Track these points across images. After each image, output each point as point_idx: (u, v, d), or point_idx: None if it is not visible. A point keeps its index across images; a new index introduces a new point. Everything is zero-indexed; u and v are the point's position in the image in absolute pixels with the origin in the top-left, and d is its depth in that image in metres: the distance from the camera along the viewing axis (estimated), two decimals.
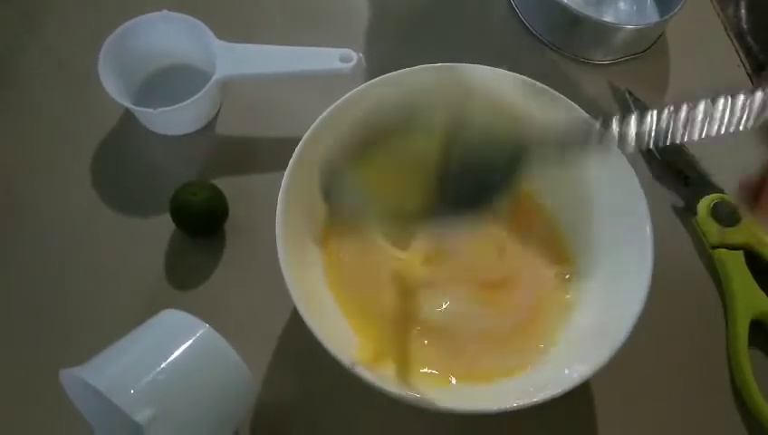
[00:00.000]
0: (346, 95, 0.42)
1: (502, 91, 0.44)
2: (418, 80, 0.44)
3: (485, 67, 0.44)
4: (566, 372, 0.36)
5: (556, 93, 0.43)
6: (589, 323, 0.40)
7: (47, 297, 0.44)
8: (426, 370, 0.39)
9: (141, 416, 0.31)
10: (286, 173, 0.39)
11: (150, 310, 0.37)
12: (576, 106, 0.43)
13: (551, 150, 0.32)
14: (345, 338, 0.39)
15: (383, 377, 0.36)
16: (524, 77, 0.44)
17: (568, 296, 0.42)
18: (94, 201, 0.48)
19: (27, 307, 0.44)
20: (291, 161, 0.40)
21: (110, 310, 0.43)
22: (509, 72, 0.44)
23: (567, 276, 0.43)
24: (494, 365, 0.40)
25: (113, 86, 0.47)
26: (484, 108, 0.44)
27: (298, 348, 0.43)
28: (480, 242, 0.44)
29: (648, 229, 0.39)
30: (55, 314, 0.44)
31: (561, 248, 0.44)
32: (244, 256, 0.46)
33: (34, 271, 0.45)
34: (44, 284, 0.45)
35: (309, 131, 0.41)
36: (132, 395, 0.32)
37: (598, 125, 0.31)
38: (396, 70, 0.43)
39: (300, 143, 0.40)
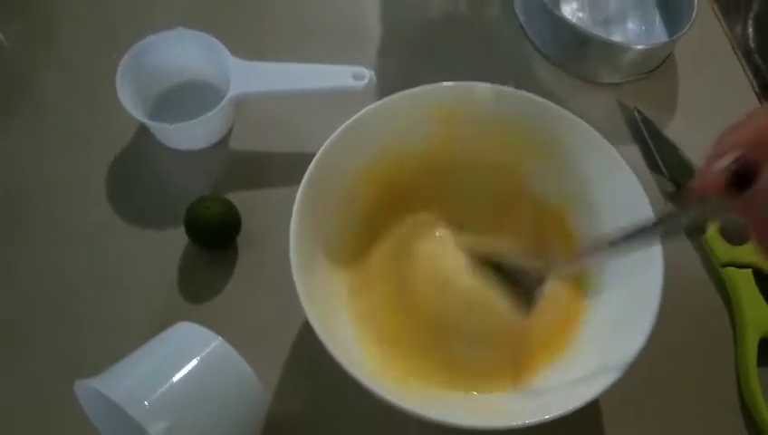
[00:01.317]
0: (359, 113, 0.43)
1: (509, 109, 0.44)
2: (430, 98, 0.44)
3: (496, 86, 0.45)
4: (576, 388, 0.37)
5: (566, 112, 0.44)
6: (598, 341, 0.40)
7: (62, 309, 0.45)
8: (438, 384, 0.40)
9: (156, 428, 0.31)
10: (301, 189, 0.40)
11: (164, 322, 0.38)
12: (586, 124, 0.43)
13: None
14: (357, 352, 0.39)
15: (396, 392, 0.36)
16: (533, 95, 0.44)
17: (578, 314, 0.43)
18: (109, 214, 0.48)
19: (42, 319, 0.44)
20: (305, 177, 0.40)
21: (123, 322, 0.44)
22: (518, 91, 0.45)
23: (578, 294, 0.43)
24: (506, 379, 0.40)
25: (130, 102, 0.48)
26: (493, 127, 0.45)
27: (309, 361, 0.43)
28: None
29: (658, 249, 0.39)
30: (70, 326, 0.44)
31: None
32: (256, 269, 0.47)
33: (49, 283, 0.46)
34: (59, 296, 0.45)
35: (324, 147, 0.41)
36: (147, 407, 0.32)
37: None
38: (405, 88, 0.44)
39: (314, 159, 0.41)
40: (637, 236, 0.35)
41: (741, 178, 0.27)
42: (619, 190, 0.42)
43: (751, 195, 0.27)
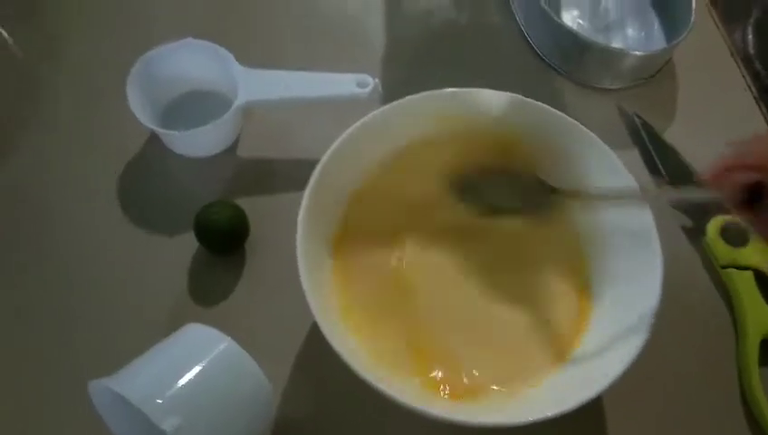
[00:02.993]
0: (363, 119, 0.43)
1: (511, 115, 0.45)
2: (433, 104, 0.45)
3: (498, 92, 0.46)
4: (577, 387, 0.37)
5: (567, 118, 0.45)
6: (599, 341, 0.41)
7: (75, 312, 0.46)
8: (443, 384, 0.40)
9: (168, 424, 0.32)
10: (306, 194, 0.41)
11: (174, 324, 0.39)
12: (587, 130, 0.44)
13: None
14: (364, 353, 0.40)
15: (403, 392, 0.37)
16: (535, 101, 0.45)
17: (578, 315, 0.43)
18: (120, 220, 0.49)
19: (55, 322, 0.45)
20: (310, 183, 0.41)
21: (135, 324, 0.45)
22: (520, 97, 0.45)
23: (579, 295, 0.44)
24: (508, 377, 0.41)
25: (140, 110, 0.49)
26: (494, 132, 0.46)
27: (317, 363, 0.44)
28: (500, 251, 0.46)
29: (658, 250, 0.40)
30: (83, 329, 0.45)
31: (576, 267, 0.45)
32: (264, 272, 0.48)
33: (61, 287, 0.47)
34: (72, 299, 0.46)
35: (327, 154, 0.42)
36: (159, 405, 0.33)
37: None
38: (410, 94, 0.45)
39: (318, 165, 0.42)
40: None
41: (752, 195, 0.32)
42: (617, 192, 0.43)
43: (762, 208, 0.32)
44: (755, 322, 0.46)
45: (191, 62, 0.52)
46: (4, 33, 0.59)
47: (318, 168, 0.42)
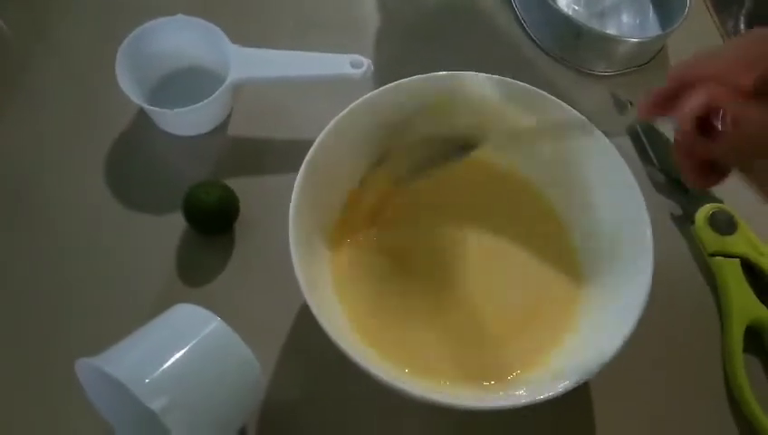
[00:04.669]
0: (358, 100, 0.43)
1: (500, 97, 0.45)
2: (426, 87, 0.45)
3: (489, 75, 0.45)
4: (565, 373, 0.37)
5: (560, 102, 0.44)
6: (587, 328, 0.41)
7: (62, 292, 0.45)
8: (435, 367, 0.40)
9: (156, 404, 0.32)
10: (300, 173, 0.40)
11: (162, 305, 0.39)
12: (579, 114, 0.44)
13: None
14: (354, 335, 0.40)
15: (393, 375, 0.36)
16: (528, 85, 0.45)
17: (569, 302, 0.44)
18: (108, 199, 0.49)
19: (41, 301, 0.45)
20: (304, 163, 0.40)
21: (122, 305, 0.45)
22: (513, 81, 0.45)
23: (570, 283, 0.44)
24: (496, 365, 0.41)
25: (129, 87, 0.48)
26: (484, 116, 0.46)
27: (306, 345, 0.44)
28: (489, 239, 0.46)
29: (649, 237, 0.40)
30: (69, 309, 0.45)
31: (567, 254, 0.45)
32: (253, 254, 0.47)
33: (48, 266, 0.46)
34: (58, 278, 0.46)
35: (321, 135, 0.42)
36: (147, 384, 0.33)
37: None
38: (402, 77, 0.44)
39: (313, 146, 0.41)
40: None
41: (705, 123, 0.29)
42: (610, 179, 0.43)
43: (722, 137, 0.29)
44: (741, 309, 0.47)
45: (182, 38, 0.51)
46: None
47: (313, 148, 0.41)
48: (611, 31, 0.59)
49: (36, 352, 0.43)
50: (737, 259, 0.49)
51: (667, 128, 0.54)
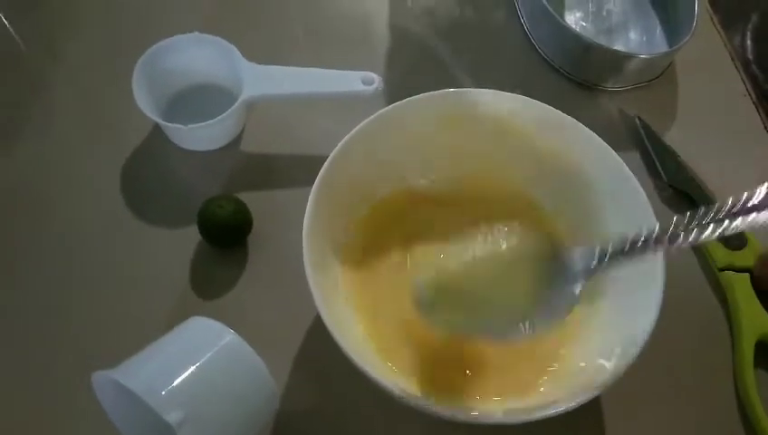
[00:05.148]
0: (371, 117, 0.43)
1: (513, 115, 0.45)
2: (437, 104, 0.45)
3: (500, 92, 0.46)
4: (576, 388, 0.37)
5: (569, 118, 0.45)
6: (598, 342, 0.41)
7: (78, 305, 0.46)
8: (445, 382, 0.41)
9: (172, 416, 0.32)
10: (314, 188, 0.40)
11: (176, 318, 0.39)
12: (588, 130, 0.45)
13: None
14: (367, 348, 0.40)
15: (405, 388, 0.37)
16: (538, 101, 0.46)
17: (578, 316, 0.44)
18: (123, 213, 0.49)
19: (57, 314, 0.45)
20: (317, 179, 0.41)
21: (138, 317, 0.45)
22: (522, 97, 0.46)
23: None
24: (506, 383, 0.41)
25: (145, 103, 0.49)
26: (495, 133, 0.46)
27: (319, 358, 0.44)
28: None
29: (660, 253, 0.40)
30: (85, 322, 0.45)
31: None
32: (266, 267, 0.48)
33: (65, 280, 0.47)
34: (74, 292, 0.46)
35: (334, 151, 0.42)
36: (163, 397, 0.33)
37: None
38: (412, 93, 0.45)
39: (327, 162, 0.41)
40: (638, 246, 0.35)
41: None
42: (623, 200, 0.43)
43: None
44: (751, 324, 0.47)
45: (197, 55, 0.52)
46: (8, 26, 0.59)
47: (327, 163, 0.41)
48: (619, 47, 0.59)
49: (52, 365, 0.44)
50: (747, 274, 0.49)
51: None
